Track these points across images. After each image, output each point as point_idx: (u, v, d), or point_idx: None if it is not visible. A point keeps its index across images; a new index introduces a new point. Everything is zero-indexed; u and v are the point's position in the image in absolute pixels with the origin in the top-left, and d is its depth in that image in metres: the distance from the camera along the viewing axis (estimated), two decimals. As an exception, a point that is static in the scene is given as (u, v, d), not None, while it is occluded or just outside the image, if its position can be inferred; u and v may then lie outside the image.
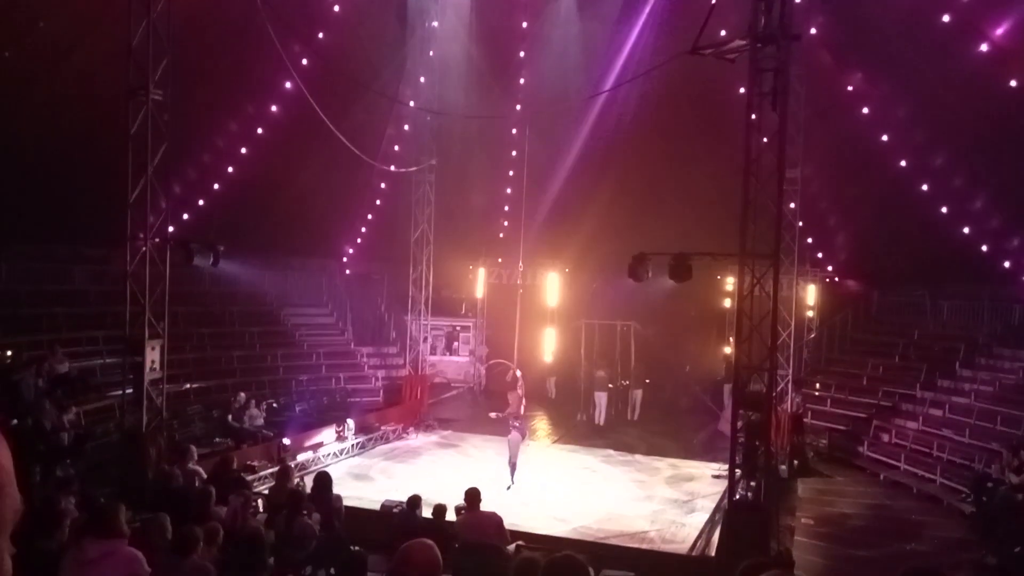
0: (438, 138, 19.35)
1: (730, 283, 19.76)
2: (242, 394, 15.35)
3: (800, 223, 16.39)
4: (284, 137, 18.35)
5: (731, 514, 10.08)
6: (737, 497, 10.17)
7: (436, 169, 19.12)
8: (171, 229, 11.98)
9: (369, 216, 22.43)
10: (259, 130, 18.94)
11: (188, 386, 16.03)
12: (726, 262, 14.79)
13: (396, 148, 20.49)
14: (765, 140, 10.08)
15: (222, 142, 19.05)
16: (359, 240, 22.97)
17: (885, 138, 17.53)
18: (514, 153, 22.63)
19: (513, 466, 13.29)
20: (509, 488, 13.09)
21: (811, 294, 19.54)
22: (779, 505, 11.99)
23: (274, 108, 18.69)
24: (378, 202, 22.01)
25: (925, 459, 14.67)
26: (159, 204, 11.44)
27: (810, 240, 19.42)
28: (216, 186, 19.07)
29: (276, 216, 19.04)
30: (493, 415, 14.24)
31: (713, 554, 10.30)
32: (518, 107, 21.87)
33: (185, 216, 18.24)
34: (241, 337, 19.12)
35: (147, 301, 11.18)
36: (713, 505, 12.64)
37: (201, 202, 19.00)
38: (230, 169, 19.07)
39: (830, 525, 12.34)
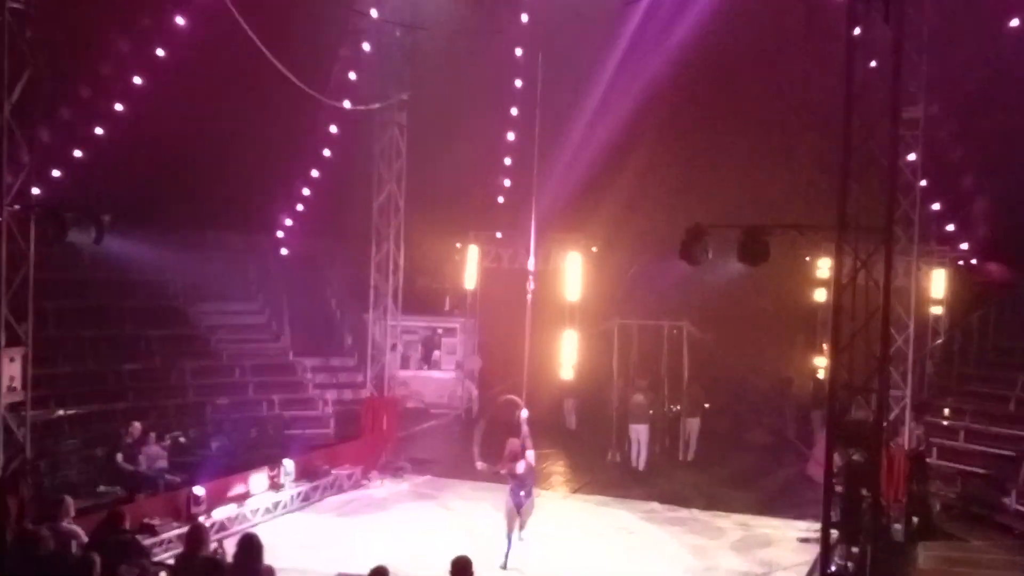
0: (412, 63, 19.28)
1: (824, 268, 19.74)
2: (137, 424, 15.35)
3: (923, 182, 16.35)
4: (195, 63, 18.28)
5: (824, 593, 10.10)
6: (833, 570, 10.19)
7: (409, 107, 19.08)
8: (36, 192, 11.95)
9: (314, 173, 22.36)
10: (160, 51, 18.88)
11: (62, 412, 16.03)
12: (818, 239, 14.75)
13: (352, 76, 20.38)
14: (874, 65, 10.06)
15: (109, 69, 19.00)
16: (300, 208, 22.94)
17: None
18: (519, 83, 22.55)
19: (509, 539, 13.22)
20: (503, 568, 13.00)
21: (938, 283, 19.52)
22: (891, 580, 12.02)
23: (180, 21, 18.61)
24: (327, 153, 21.96)
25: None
26: (19, 157, 11.41)
27: (937, 207, 19.38)
28: (100, 131, 19.03)
29: (185, 175, 19.01)
30: (480, 466, 14.01)
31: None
32: (524, 18, 21.79)
33: (56, 174, 18.20)
34: (135, 344, 19.12)
35: (2, 293, 11.19)
36: (799, 581, 12.65)
37: (79, 154, 18.98)
38: (119, 108, 19.02)
39: (963, 609, 12.39)
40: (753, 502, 16.65)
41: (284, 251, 23.48)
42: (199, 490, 14.04)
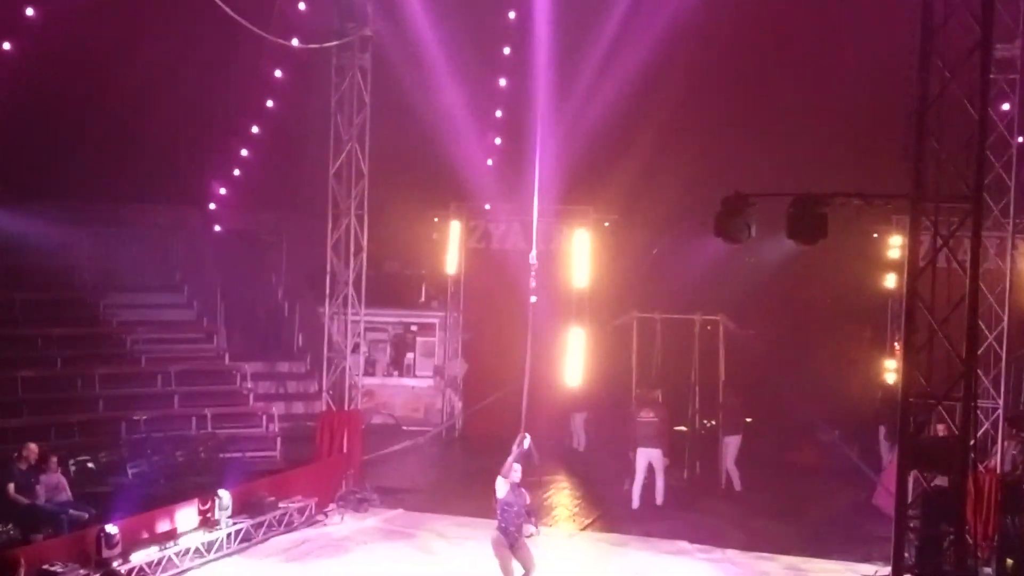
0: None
1: (895, 247, 19.76)
2: (32, 446, 15.22)
3: (1020, 138, 16.35)
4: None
5: (897, 654, 10.14)
6: (906, 624, 10.22)
7: (374, 46, 19.03)
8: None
9: (255, 130, 22.32)
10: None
11: (-63, 432, 16.07)
12: (888, 211, 14.77)
13: (302, 7, 20.31)
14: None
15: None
16: (237, 173, 22.89)
17: None
18: (512, 15, 22.50)
19: None
20: None
21: (1039, 266, 19.56)
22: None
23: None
24: (270, 104, 21.90)
25: None
26: None
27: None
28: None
29: (93, 134, 18.97)
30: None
31: None
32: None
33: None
34: (31, 345, 19.16)
35: None
36: (864, 639, 12.74)
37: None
38: (6, 46, 18.95)
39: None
40: (805, 539, 16.70)
41: (217, 228, 23.40)
42: (112, 528, 14.02)
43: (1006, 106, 15.80)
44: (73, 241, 20.70)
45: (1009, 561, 15.10)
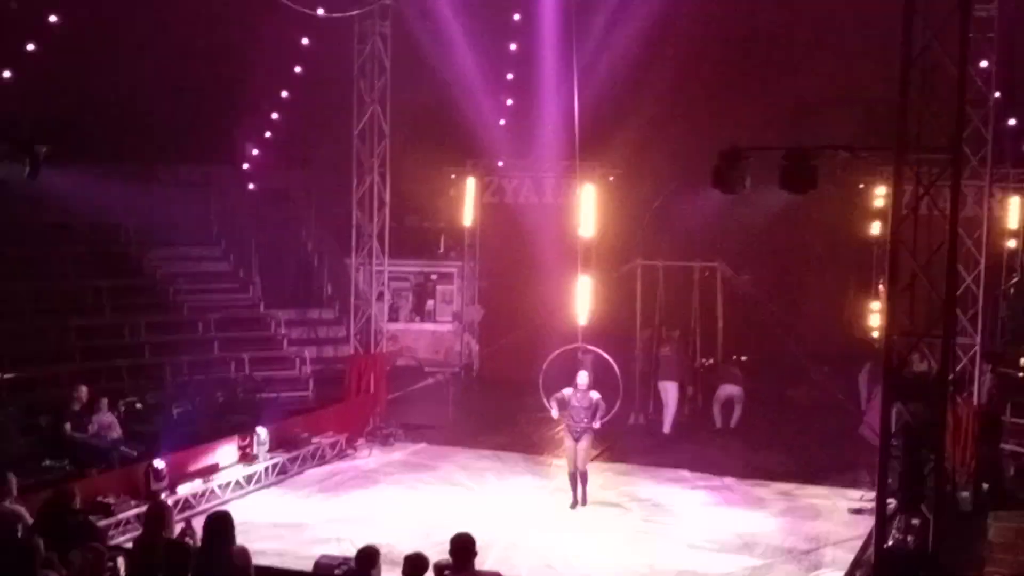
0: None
1: (880, 197, 19.67)
2: (83, 388, 15.40)
3: (997, 94, 16.20)
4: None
5: (881, 571, 10.19)
6: (890, 544, 10.27)
7: (393, 13, 18.89)
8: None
9: (284, 94, 22.20)
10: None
11: (-1, 377, 16.16)
12: (874, 162, 14.69)
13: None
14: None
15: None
16: (268, 134, 22.81)
17: None
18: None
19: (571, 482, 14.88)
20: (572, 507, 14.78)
21: (1015, 212, 19.47)
22: (958, 555, 12.07)
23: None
24: (298, 70, 21.78)
25: None
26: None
27: (1013, 122, 19.24)
28: (31, 47, 18.89)
29: (133, 98, 18.90)
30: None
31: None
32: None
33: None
34: (82, 297, 19.19)
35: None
36: (851, 557, 12.76)
37: (8, 75, 18.87)
38: (53, 19, 18.85)
39: (1040, 586, 12.47)
40: (797, 468, 16.77)
41: (251, 186, 23.38)
42: (159, 463, 14.13)
43: (984, 63, 15.63)
44: (117, 199, 20.67)
45: (985, 486, 15.18)
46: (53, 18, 18.80)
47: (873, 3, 11.88)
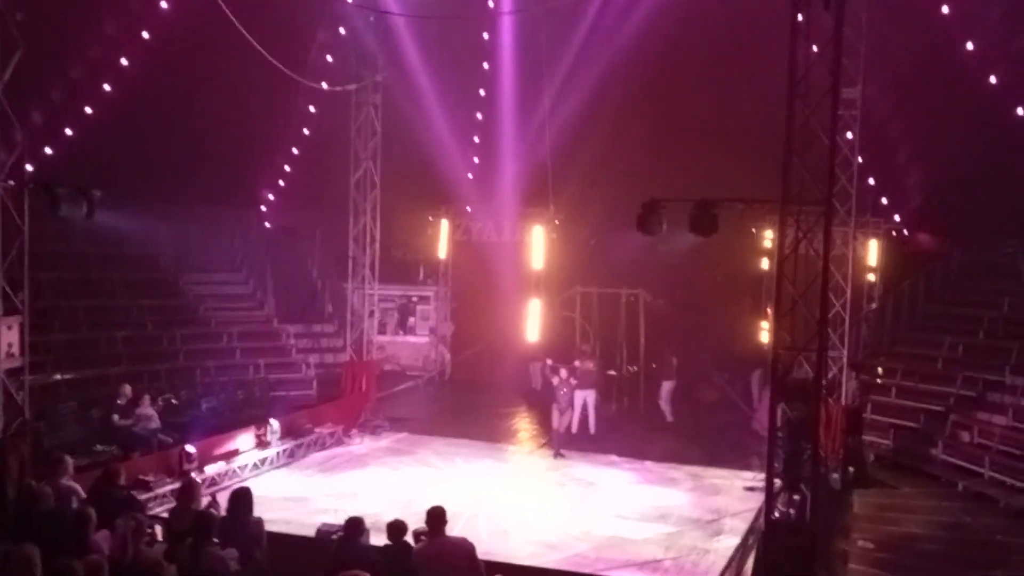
0: (386, 46, 19.10)
1: (768, 239, 19.88)
2: (127, 386, 15.33)
3: (859, 159, 16.47)
4: (180, 44, 18.05)
5: (768, 537, 10.26)
6: (776, 515, 10.35)
7: (383, 88, 18.93)
8: (29, 169, 11.76)
9: (294, 151, 22.20)
10: (145, 34, 18.59)
11: (58, 377, 15.91)
12: (763, 211, 14.85)
13: (329, 59, 20.19)
14: (816, 50, 10.07)
15: (96, 51, 18.68)
16: (281, 183, 22.78)
17: (971, 46, 17.56)
18: (486, 66, 22.41)
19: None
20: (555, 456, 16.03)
21: (873, 252, 19.73)
22: (830, 525, 12.23)
23: (164, 4, 18.32)
24: (306, 131, 21.78)
25: (1016, 464, 14.93)
26: (12, 135, 11.22)
27: (872, 181, 19.55)
28: (89, 111, 18.76)
29: (172, 151, 18.80)
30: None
31: (744, 588, 10.51)
32: (491, 3, 21.63)
33: (48, 151, 17.95)
34: (127, 312, 18.99)
35: None
36: (745, 526, 12.85)
37: (69, 132, 18.70)
38: (107, 88, 18.74)
39: (894, 550, 12.56)
40: (703, 454, 16.84)
41: (267, 224, 23.34)
42: (191, 448, 14.01)
43: (849, 134, 15.90)
44: (158, 233, 20.57)
45: (850, 469, 15.35)
46: (107, 87, 18.76)
47: (766, 88, 12.05)
